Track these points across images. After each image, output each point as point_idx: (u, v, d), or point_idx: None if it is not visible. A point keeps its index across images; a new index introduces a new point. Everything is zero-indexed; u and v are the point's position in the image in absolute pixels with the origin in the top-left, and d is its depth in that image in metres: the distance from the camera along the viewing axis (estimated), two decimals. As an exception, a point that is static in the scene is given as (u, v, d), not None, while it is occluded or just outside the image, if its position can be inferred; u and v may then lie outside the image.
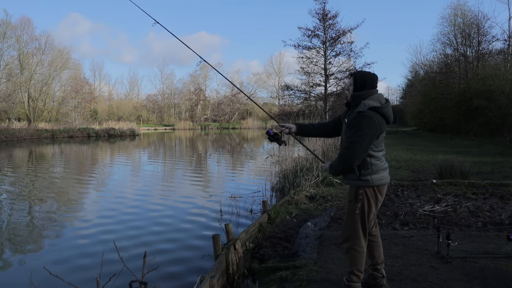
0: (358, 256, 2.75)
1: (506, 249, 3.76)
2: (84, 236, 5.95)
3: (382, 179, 2.72)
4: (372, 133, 2.61)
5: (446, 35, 29.90)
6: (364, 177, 2.68)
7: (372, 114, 2.62)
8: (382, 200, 2.80)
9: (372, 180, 2.68)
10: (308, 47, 27.50)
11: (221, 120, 66.62)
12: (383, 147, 2.78)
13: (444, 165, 7.88)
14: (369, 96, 2.70)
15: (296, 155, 10.15)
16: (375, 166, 2.69)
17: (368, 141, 2.61)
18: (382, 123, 2.68)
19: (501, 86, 19.72)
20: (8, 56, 41.47)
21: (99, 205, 7.99)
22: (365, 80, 2.74)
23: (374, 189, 2.70)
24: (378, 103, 2.66)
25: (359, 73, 2.79)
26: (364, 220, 2.73)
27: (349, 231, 2.78)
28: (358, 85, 2.74)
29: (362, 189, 2.69)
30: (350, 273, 2.80)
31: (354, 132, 2.63)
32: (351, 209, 2.76)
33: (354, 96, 2.75)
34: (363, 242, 2.75)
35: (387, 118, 2.72)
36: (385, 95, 3.14)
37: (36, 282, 3.93)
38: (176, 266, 4.71)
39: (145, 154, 21.22)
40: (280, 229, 5.01)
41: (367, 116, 2.61)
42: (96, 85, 66.27)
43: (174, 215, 7.13)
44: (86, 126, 40.19)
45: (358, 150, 2.60)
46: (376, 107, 2.64)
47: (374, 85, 2.75)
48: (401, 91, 53.39)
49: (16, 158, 18.48)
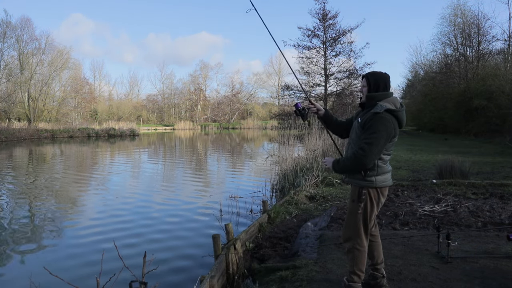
0: (359, 256, 2.75)
1: (506, 249, 3.76)
2: (84, 236, 5.94)
3: (385, 181, 2.73)
4: (387, 135, 2.63)
5: (446, 35, 29.98)
6: (369, 177, 2.68)
7: (388, 116, 2.64)
8: (384, 201, 2.81)
9: (376, 181, 2.69)
10: (308, 47, 27.53)
11: (221, 120, 66.62)
12: (392, 150, 2.80)
13: (444, 165, 7.89)
14: (384, 98, 2.71)
15: (296, 155, 10.15)
16: (380, 168, 2.70)
17: (383, 143, 2.62)
18: (396, 127, 2.69)
19: (501, 86, 19.73)
20: (8, 56, 41.56)
21: (99, 205, 7.99)
22: (378, 81, 2.75)
23: (377, 190, 2.71)
24: (393, 107, 2.68)
25: (371, 74, 2.80)
26: (366, 220, 2.73)
27: (350, 231, 2.78)
28: (372, 86, 2.75)
29: (365, 189, 2.70)
30: (351, 273, 2.80)
31: (370, 133, 2.62)
32: (353, 209, 2.76)
33: (369, 96, 2.76)
34: (364, 242, 2.75)
35: (401, 122, 2.74)
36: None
37: (36, 282, 3.93)
38: (176, 266, 4.70)
39: (145, 154, 21.22)
40: (280, 229, 5.01)
41: (383, 118, 2.61)
42: (96, 85, 66.38)
43: (174, 215, 7.13)
44: (86, 126, 40.20)
45: (374, 151, 2.60)
46: (392, 110, 2.66)
47: (387, 86, 2.77)
48: (401, 91, 53.37)
49: (16, 158, 18.48)
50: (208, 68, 72.36)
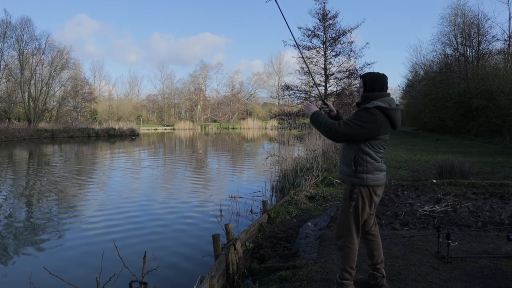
0: (350, 253, 2.78)
1: (506, 249, 3.76)
2: (84, 236, 5.94)
3: (377, 180, 2.73)
4: (368, 127, 2.62)
5: (446, 35, 29.97)
6: (359, 174, 2.69)
7: (377, 112, 2.64)
8: (378, 200, 2.81)
9: (367, 180, 2.69)
10: (308, 47, 27.55)
11: (221, 120, 66.61)
12: (382, 150, 2.78)
13: (444, 165, 7.89)
14: (379, 97, 2.72)
15: (296, 155, 10.16)
16: (371, 165, 2.70)
17: (360, 132, 2.63)
18: (385, 125, 2.68)
19: (501, 86, 19.73)
20: (8, 56, 41.52)
21: (99, 205, 7.99)
22: (374, 82, 2.75)
23: (369, 189, 2.72)
24: (386, 105, 2.68)
25: (368, 75, 2.81)
26: (357, 218, 2.75)
27: (342, 229, 2.82)
28: (367, 86, 2.76)
29: (357, 188, 2.71)
30: (343, 270, 2.83)
31: (353, 118, 2.67)
32: (345, 207, 2.80)
33: (364, 96, 2.77)
34: (355, 239, 2.79)
35: (393, 123, 2.73)
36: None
37: (36, 282, 3.94)
38: (176, 266, 4.70)
39: (145, 154, 21.21)
40: (280, 229, 5.01)
41: (370, 112, 2.64)
42: (96, 85, 66.35)
43: (174, 215, 7.13)
44: (86, 126, 40.19)
45: (346, 132, 2.64)
46: (383, 108, 2.67)
47: (384, 87, 2.77)
48: (401, 91, 53.40)
49: (16, 158, 18.48)
50: (208, 68, 72.42)
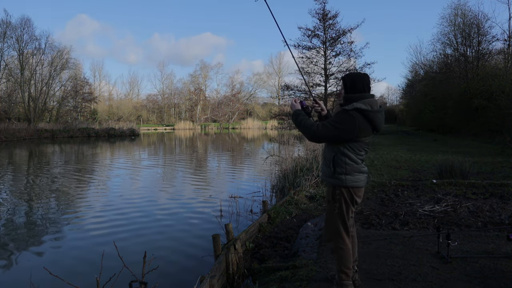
0: (344, 254, 2.81)
1: (506, 249, 3.76)
2: (84, 236, 5.94)
3: (356, 181, 2.72)
4: (346, 130, 2.61)
5: (446, 35, 29.95)
6: (338, 175, 2.70)
7: (356, 114, 2.61)
8: (360, 201, 2.84)
9: (346, 181, 2.70)
10: (308, 47, 27.58)
11: (221, 120, 66.60)
12: (363, 152, 2.75)
13: (444, 165, 7.88)
14: (361, 99, 2.68)
15: (296, 155, 10.16)
16: (350, 167, 2.70)
17: (337, 134, 2.63)
18: (365, 128, 2.65)
19: (501, 86, 19.72)
20: (8, 56, 41.52)
21: (99, 205, 7.99)
22: (355, 82, 2.73)
23: (349, 190, 2.73)
24: (368, 107, 2.64)
25: (348, 76, 2.80)
26: (343, 219, 2.77)
27: (331, 232, 2.84)
28: (348, 87, 2.76)
29: (338, 189, 2.73)
30: (340, 272, 2.85)
31: (331, 121, 2.67)
32: (330, 209, 2.83)
33: (345, 98, 2.76)
34: (346, 239, 2.81)
35: (375, 125, 2.68)
36: (385, 95, 3.10)
37: (36, 282, 3.94)
38: (176, 266, 4.70)
39: (145, 154, 21.21)
40: (280, 229, 5.01)
41: (348, 114, 2.62)
42: (96, 85, 66.35)
43: (174, 215, 7.13)
44: (86, 126, 40.18)
45: (322, 135, 2.66)
46: (363, 110, 2.63)
47: (365, 87, 2.72)
48: (401, 91, 53.40)
49: (16, 158, 18.48)
50: (208, 68, 72.45)
